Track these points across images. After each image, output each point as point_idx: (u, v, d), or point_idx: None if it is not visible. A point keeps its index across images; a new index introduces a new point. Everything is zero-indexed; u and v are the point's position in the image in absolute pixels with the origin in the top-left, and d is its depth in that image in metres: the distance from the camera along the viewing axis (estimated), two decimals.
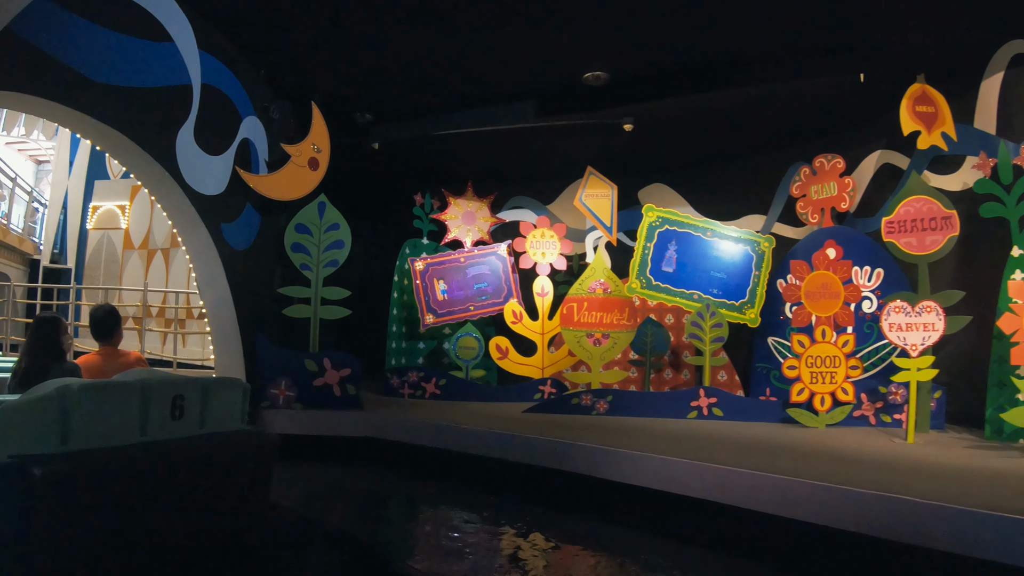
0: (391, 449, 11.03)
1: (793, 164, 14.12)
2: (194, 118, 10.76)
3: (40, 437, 4.35)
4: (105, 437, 4.72)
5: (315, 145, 12.43)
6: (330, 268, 12.56)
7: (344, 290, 12.56)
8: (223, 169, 11.46)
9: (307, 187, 12.45)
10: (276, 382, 11.78)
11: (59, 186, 22.68)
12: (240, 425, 6.10)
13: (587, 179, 14.79)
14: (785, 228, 14.70)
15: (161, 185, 10.49)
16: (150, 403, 5.05)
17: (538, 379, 14.36)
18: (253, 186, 11.91)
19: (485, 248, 15.35)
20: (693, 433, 10.12)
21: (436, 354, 15.60)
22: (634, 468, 8.33)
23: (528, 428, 10.05)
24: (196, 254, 11.43)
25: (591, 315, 12.90)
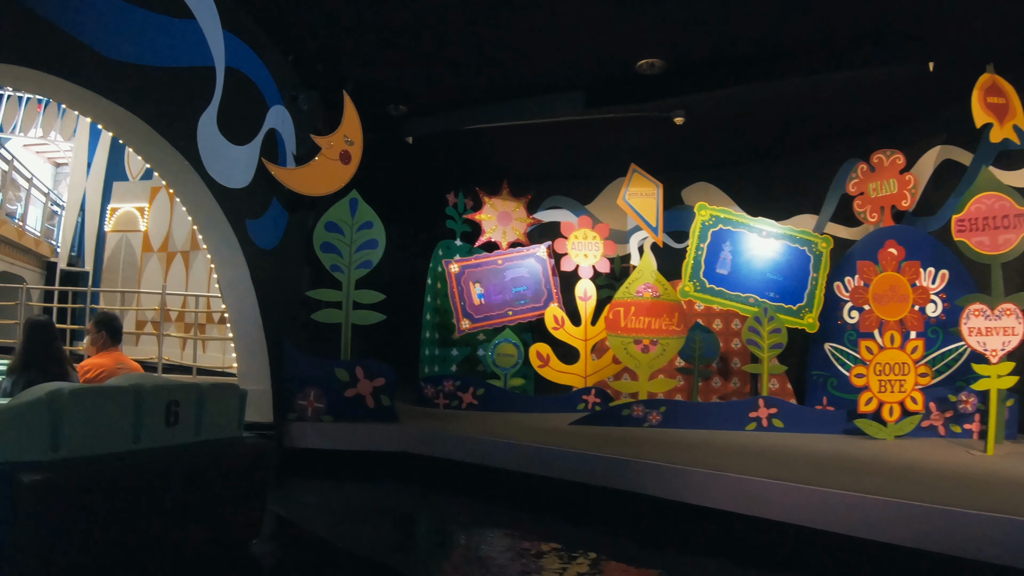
0: (429, 465, 10.01)
1: (847, 161, 13.10)
2: (217, 103, 9.50)
3: (29, 444, 4.21)
4: (97, 444, 4.57)
5: (347, 137, 11.16)
6: (363, 270, 11.36)
7: (378, 293, 11.35)
8: (248, 160, 10.18)
9: (338, 182, 11.16)
10: (304, 392, 10.64)
11: (77, 188, 21.82)
12: (237, 432, 5.95)
13: (631, 177, 13.72)
14: (839, 228, 13.59)
15: (180, 176, 9.22)
16: (144, 409, 4.91)
17: (581, 388, 13.26)
18: (281, 180, 10.64)
19: (523, 250, 14.12)
20: (758, 447, 9.29)
21: (470, 361, 14.40)
22: (709, 488, 7.45)
23: (580, 442, 9.12)
24: (218, 253, 10.15)
25: (639, 320, 11.98)
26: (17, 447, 4.18)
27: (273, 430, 10.25)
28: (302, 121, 11.43)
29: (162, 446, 5.06)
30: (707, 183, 14.92)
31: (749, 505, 7.08)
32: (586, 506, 8.46)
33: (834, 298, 11.98)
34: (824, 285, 12.23)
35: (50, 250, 22.20)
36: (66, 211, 22.02)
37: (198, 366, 14.82)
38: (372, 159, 11.56)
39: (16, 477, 3.95)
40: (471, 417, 11.86)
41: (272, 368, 10.62)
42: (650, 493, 7.81)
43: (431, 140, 13.45)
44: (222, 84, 9.57)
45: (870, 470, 7.62)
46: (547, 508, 8.73)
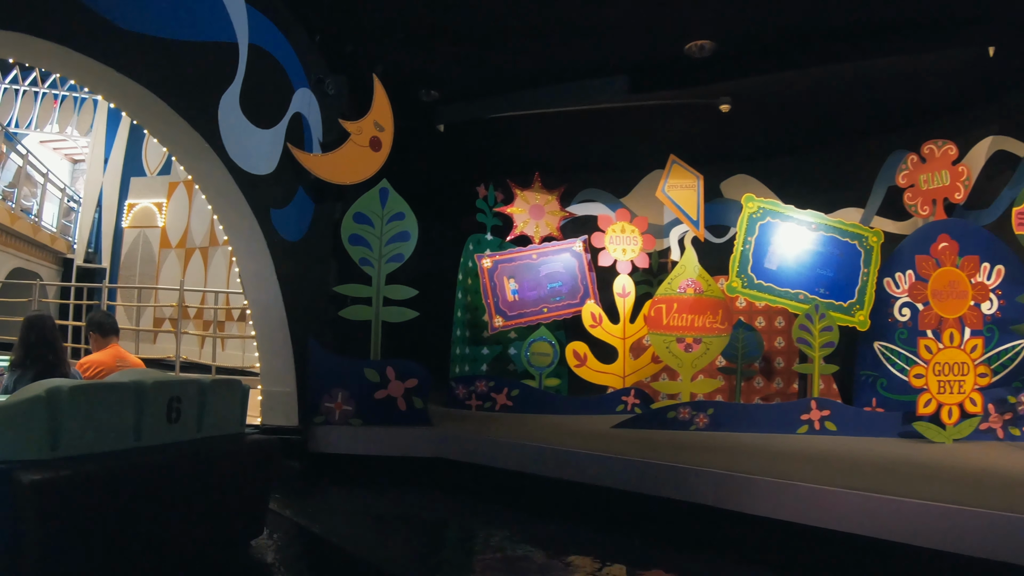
0: (464, 472, 9.18)
1: (894, 152, 12.21)
2: (240, 83, 8.59)
3: (29, 442, 4.09)
4: (98, 442, 4.44)
5: (377, 123, 10.23)
6: (394, 263, 10.43)
7: (410, 289, 10.43)
8: (272, 145, 9.24)
9: (368, 170, 10.22)
10: (331, 394, 9.73)
11: (94, 183, 21.34)
12: (239, 429, 5.81)
13: (670, 168, 12.68)
14: (885, 222, 12.72)
15: (200, 160, 8.29)
16: (145, 406, 4.77)
17: (620, 389, 12.38)
18: (308, 167, 9.69)
19: (559, 244, 13.09)
20: (815, 452, 8.54)
21: (500, 360, 13.41)
22: (776, 498, 6.74)
23: (626, 447, 8.35)
24: (241, 245, 9.22)
25: (681, 318, 11.13)
26: (16, 446, 4.07)
27: (298, 434, 9.44)
28: (328, 106, 10.50)
29: (164, 443, 4.92)
30: (746, 175, 14.02)
31: (820, 517, 6.41)
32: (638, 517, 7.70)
33: (884, 294, 11.12)
34: (875, 281, 11.31)
35: (66, 246, 21.48)
36: (83, 207, 21.52)
37: (217, 365, 13.89)
38: (400, 147, 10.65)
39: (15, 476, 3.83)
40: (506, 419, 11.02)
41: (297, 368, 9.69)
42: (710, 503, 7.08)
43: (462, 128, 12.54)
44: (245, 62, 8.66)
45: (940, 476, 7.05)
46: (594, 519, 7.95)
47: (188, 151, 8.22)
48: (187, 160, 8.44)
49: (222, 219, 9.02)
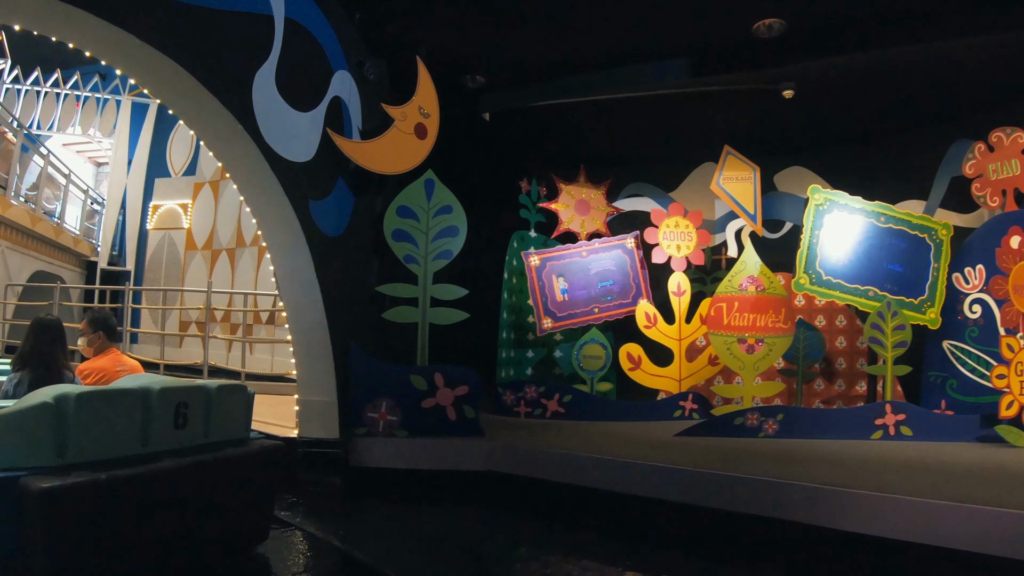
0: (520, 486, 8.10)
1: (957, 141, 11.12)
2: (276, 60, 7.46)
3: (35, 449, 3.99)
4: (105, 448, 4.33)
5: (422, 108, 9.10)
6: (441, 261, 9.29)
7: (459, 288, 9.29)
8: (311, 130, 8.10)
9: (414, 159, 9.05)
10: (375, 403, 8.63)
11: (117, 185, 20.56)
12: (244, 433, 5.70)
13: (724, 160, 11.76)
14: (949, 214, 11.52)
15: (232, 143, 7.16)
16: (153, 411, 4.66)
17: (677, 393, 11.28)
18: (349, 154, 8.54)
19: (609, 240, 11.90)
20: (900, 460, 7.62)
21: (545, 364, 12.23)
22: (877, 513, 5.90)
23: (697, 458, 7.44)
24: (276, 240, 8.06)
25: (743, 317, 10.32)
26: (23, 453, 3.97)
27: (339, 447, 8.32)
28: (368, 92, 9.36)
29: (171, 448, 4.80)
30: (801, 167, 12.80)
31: (928, 533, 5.63)
32: (716, 535, 6.75)
33: (953, 291, 10.24)
34: (946, 276, 10.38)
35: (90, 249, 20.69)
36: (106, 209, 20.73)
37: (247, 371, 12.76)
38: (443, 137, 9.52)
39: (24, 483, 3.76)
40: (559, 428, 9.91)
41: (338, 376, 8.53)
42: (800, 520, 6.22)
43: (508, 117, 11.36)
44: (281, 37, 7.54)
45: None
46: (664, 537, 6.98)
47: (219, 133, 7.11)
48: (217, 144, 7.32)
49: (256, 211, 7.86)
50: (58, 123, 21.31)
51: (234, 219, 17.97)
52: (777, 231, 12.39)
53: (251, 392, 5.85)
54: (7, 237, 15.56)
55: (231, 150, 7.25)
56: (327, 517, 7.49)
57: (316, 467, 8.32)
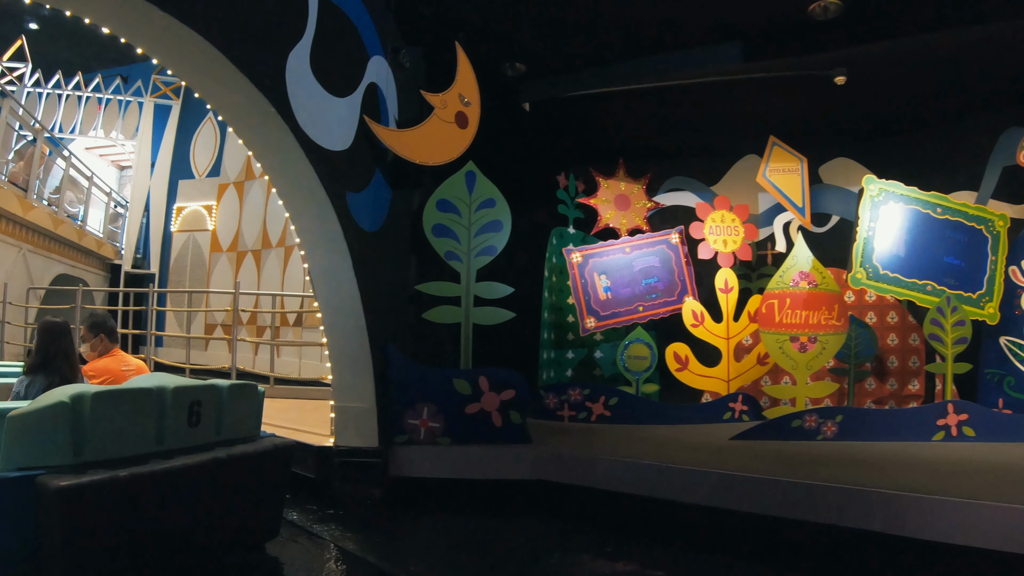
0: (570, 496, 7.41)
1: (1009, 129, 10.28)
2: (310, 39, 6.69)
3: (52, 448, 3.95)
4: (121, 446, 4.30)
5: (462, 96, 8.33)
6: (485, 257, 8.50)
7: (504, 286, 8.51)
8: (348, 117, 7.33)
9: (455, 149, 8.26)
10: (416, 409, 7.88)
11: (141, 187, 20.14)
12: (255, 431, 5.68)
13: (770, 151, 10.90)
14: (1001, 205, 10.69)
15: (265, 128, 6.39)
16: (167, 410, 4.66)
17: (727, 395, 10.49)
18: (389, 144, 7.78)
19: (653, 236, 11.11)
20: (971, 463, 7.07)
21: (585, 365, 11.43)
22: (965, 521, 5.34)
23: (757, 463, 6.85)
24: (312, 234, 7.27)
25: (795, 314, 9.66)
26: (39, 452, 3.93)
27: (378, 456, 7.54)
28: (404, 80, 8.61)
29: (185, 446, 4.77)
30: (847, 158, 11.93)
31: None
32: (791, 547, 6.18)
33: (1010, 284, 9.66)
34: (1003, 269, 9.80)
35: (113, 252, 20.07)
36: (130, 211, 20.25)
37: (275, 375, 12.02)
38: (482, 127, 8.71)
39: (41, 482, 3.72)
40: (606, 432, 9.14)
41: (376, 380, 7.74)
42: (876, 529, 5.66)
43: (547, 108, 10.56)
44: (315, 16, 6.78)
45: None
46: (728, 549, 6.32)
47: (250, 118, 6.34)
48: (248, 131, 6.56)
49: (289, 204, 7.08)
50: (80, 126, 20.79)
51: (260, 220, 17.44)
52: (823, 225, 11.58)
53: (261, 391, 5.84)
54: (29, 240, 14.90)
55: (263, 136, 6.48)
56: (365, 531, 6.83)
57: (353, 477, 7.56)
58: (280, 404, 10.95)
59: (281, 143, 6.43)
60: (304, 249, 7.34)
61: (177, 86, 20.69)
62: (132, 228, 20.10)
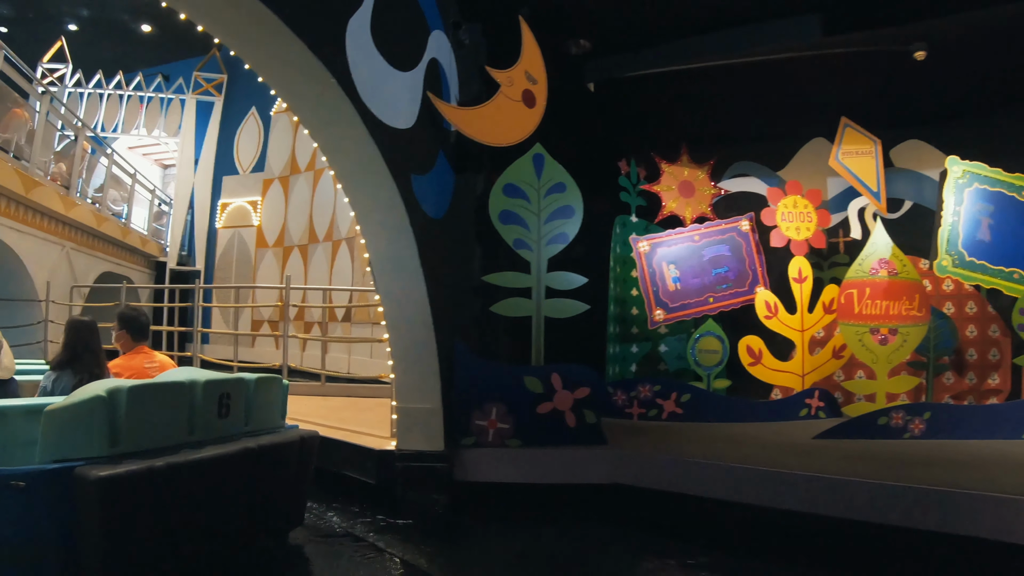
0: (650, 501, 6.64)
1: None
2: (370, 7, 5.90)
3: (89, 440, 3.96)
4: (155, 437, 4.33)
5: (529, 74, 7.53)
6: (556, 246, 7.70)
7: (578, 276, 7.70)
8: (411, 93, 6.54)
9: (523, 129, 7.45)
10: (484, 409, 7.11)
11: (184, 184, 19.61)
12: (280, 422, 5.69)
13: (843, 132, 10.01)
14: None
15: (324, 103, 5.61)
16: (198, 402, 4.68)
17: (802, 391, 9.61)
18: (455, 122, 7.03)
19: (724, 223, 10.22)
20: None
21: (650, 359, 10.57)
22: None
23: (852, 465, 6.15)
24: (374, 220, 6.49)
25: (875, 305, 8.84)
26: (77, 444, 3.90)
27: (443, 460, 6.77)
28: (464, 57, 7.83)
29: (215, 437, 4.76)
30: (919, 140, 10.95)
31: None
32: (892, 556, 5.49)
33: None
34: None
35: (158, 249, 19.62)
36: (174, 208, 19.76)
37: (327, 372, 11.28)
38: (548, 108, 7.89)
39: (79, 473, 3.68)
40: (680, 431, 8.38)
41: (443, 378, 6.95)
42: (983, 535, 5.04)
43: (607, 89, 9.74)
44: None
45: None
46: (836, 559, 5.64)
47: (309, 91, 5.56)
48: (307, 105, 5.79)
49: (350, 186, 6.29)
50: (122, 125, 20.35)
51: (306, 215, 16.85)
52: (896, 210, 10.66)
53: (286, 384, 5.84)
54: (72, 238, 14.30)
55: (323, 112, 5.70)
56: (429, 542, 6.13)
57: (417, 483, 6.78)
58: (333, 403, 10.24)
59: (342, 119, 5.65)
60: (365, 237, 6.56)
61: (219, 82, 20.23)
62: (176, 225, 19.61)
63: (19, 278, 12.75)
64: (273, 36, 4.97)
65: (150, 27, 21.16)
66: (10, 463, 4.00)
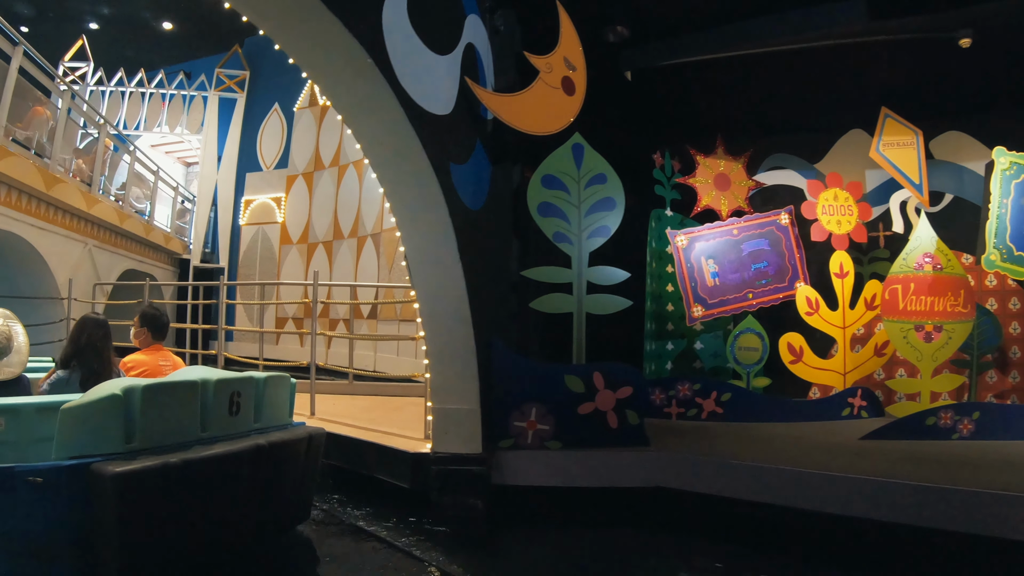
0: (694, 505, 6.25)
1: None
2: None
3: (104, 438, 3.97)
4: (168, 434, 4.35)
5: (568, 60, 7.07)
6: (597, 239, 7.25)
7: (619, 271, 7.25)
8: (448, 77, 6.09)
9: (563, 117, 6.99)
10: (522, 410, 6.62)
11: (208, 181, 19.31)
12: (288, 419, 5.67)
13: (883, 123, 9.38)
14: None
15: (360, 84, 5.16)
16: (210, 400, 4.70)
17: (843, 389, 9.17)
18: (494, 109, 6.56)
19: (763, 216, 9.73)
20: None
21: (685, 357, 10.07)
22: None
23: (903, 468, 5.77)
24: (411, 211, 6.02)
25: (919, 301, 8.45)
26: (92, 442, 3.91)
27: (481, 463, 6.26)
28: (499, 44, 7.39)
29: (226, 434, 4.78)
30: (959, 132, 10.44)
31: None
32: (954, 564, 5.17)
33: None
34: None
35: (182, 246, 19.17)
36: (197, 205, 19.39)
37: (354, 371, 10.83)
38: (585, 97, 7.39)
39: (95, 469, 3.71)
40: (721, 431, 7.90)
41: (481, 376, 6.47)
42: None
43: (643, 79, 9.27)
44: None
45: None
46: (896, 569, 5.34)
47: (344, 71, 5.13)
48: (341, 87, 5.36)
49: (386, 175, 5.84)
50: (144, 123, 20.01)
51: (330, 211, 16.50)
52: (936, 204, 10.18)
53: (293, 382, 5.80)
54: (94, 235, 13.92)
55: (358, 94, 5.26)
56: (466, 549, 5.71)
57: (453, 488, 6.28)
58: (362, 402, 9.79)
59: (379, 102, 5.21)
60: (401, 229, 6.10)
61: (242, 79, 19.89)
62: (200, 222, 19.29)
63: (41, 275, 12.40)
64: (306, 13, 4.56)
65: (171, 25, 20.90)
66: (23, 459, 4.05)
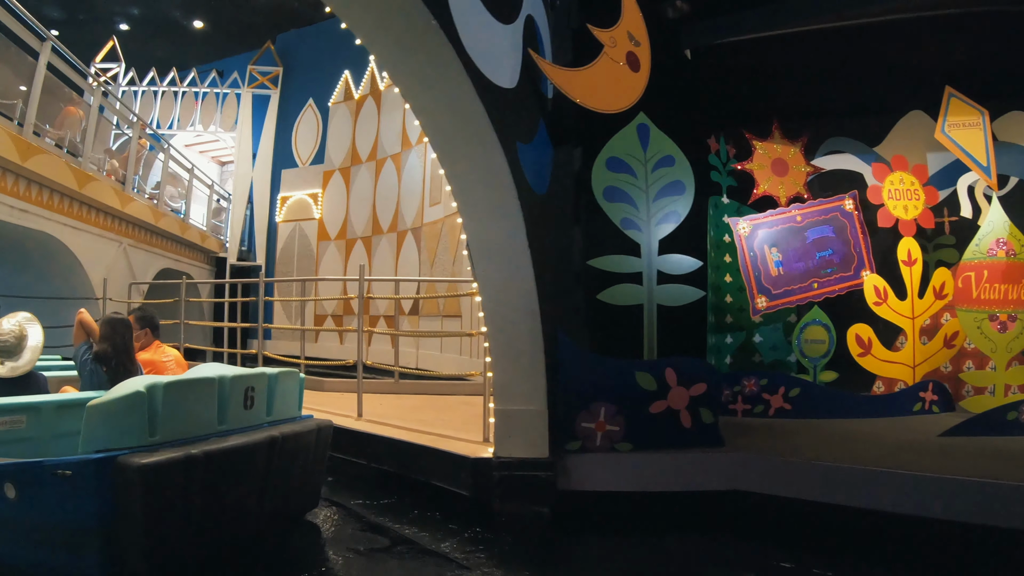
0: (774, 510, 5.64)
1: None
2: None
3: (129, 432, 4.06)
4: (188, 428, 4.44)
5: (631, 35, 6.39)
6: (667, 225, 6.54)
7: (691, 259, 6.58)
8: (512, 49, 5.44)
9: (630, 95, 6.33)
10: (591, 410, 5.97)
11: (243, 179, 18.86)
12: (297, 412, 5.70)
13: (947, 103, 8.72)
14: None
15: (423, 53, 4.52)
16: (226, 396, 4.81)
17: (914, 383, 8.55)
18: (559, 84, 5.87)
19: (826, 202, 9.01)
20: None
21: (744, 350, 9.39)
22: None
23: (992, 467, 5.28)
24: (476, 194, 5.37)
25: (993, 289, 8.06)
26: (117, 435, 4.01)
27: (547, 468, 5.65)
28: (556, 18, 6.73)
29: (241, 427, 4.86)
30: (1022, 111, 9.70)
31: None
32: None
33: None
34: None
35: (218, 245, 18.72)
36: (233, 203, 18.92)
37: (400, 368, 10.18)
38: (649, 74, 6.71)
39: (121, 461, 3.79)
40: (791, 428, 7.29)
41: (548, 374, 5.82)
42: None
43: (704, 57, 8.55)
44: None
45: None
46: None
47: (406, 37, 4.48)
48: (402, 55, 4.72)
49: (449, 152, 5.17)
50: (177, 121, 19.60)
51: (368, 206, 16.03)
52: (1002, 187, 9.45)
53: (302, 377, 5.80)
54: (129, 234, 13.40)
55: (421, 61, 4.59)
56: (532, 561, 5.10)
57: (517, 495, 5.65)
58: (409, 401, 9.13)
59: (445, 72, 4.56)
60: (463, 215, 5.44)
61: (275, 75, 19.38)
62: (236, 220, 18.83)
63: (75, 275, 11.91)
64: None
65: (202, 23, 20.44)
66: (44, 454, 4.28)
